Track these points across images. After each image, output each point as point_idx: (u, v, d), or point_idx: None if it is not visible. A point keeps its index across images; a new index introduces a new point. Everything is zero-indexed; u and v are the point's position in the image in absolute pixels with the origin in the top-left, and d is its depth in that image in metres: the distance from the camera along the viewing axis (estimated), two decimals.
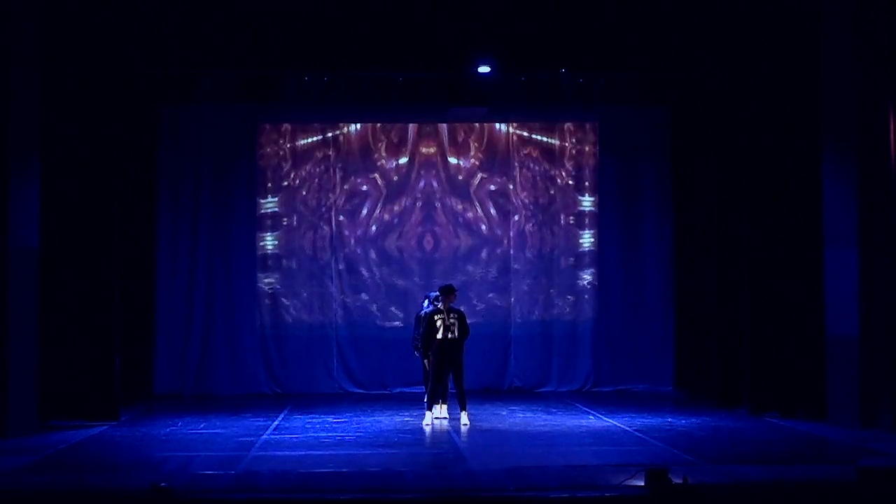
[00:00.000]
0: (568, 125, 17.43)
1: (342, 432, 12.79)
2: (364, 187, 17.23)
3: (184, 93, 16.37)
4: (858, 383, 12.88)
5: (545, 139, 17.43)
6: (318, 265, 17.15)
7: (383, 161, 17.26)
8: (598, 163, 17.43)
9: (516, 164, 17.38)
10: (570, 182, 17.43)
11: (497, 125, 17.30)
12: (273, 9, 14.03)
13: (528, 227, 17.37)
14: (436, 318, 13.36)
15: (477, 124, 17.22)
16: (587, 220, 17.42)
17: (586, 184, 17.41)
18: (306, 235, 17.16)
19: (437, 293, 13.74)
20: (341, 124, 17.20)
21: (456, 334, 13.30)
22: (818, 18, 13.45)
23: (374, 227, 17.24)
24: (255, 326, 17.00)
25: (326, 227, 17.14)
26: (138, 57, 14.29)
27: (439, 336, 13.29)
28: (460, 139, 17.32)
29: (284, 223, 17.13)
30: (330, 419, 13.90)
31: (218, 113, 16.87)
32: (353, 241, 17.19)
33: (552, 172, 17.40)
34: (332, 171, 17.18)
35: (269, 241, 17.11)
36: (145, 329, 16.42)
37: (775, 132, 14.13)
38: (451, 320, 13.32)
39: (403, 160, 17.28)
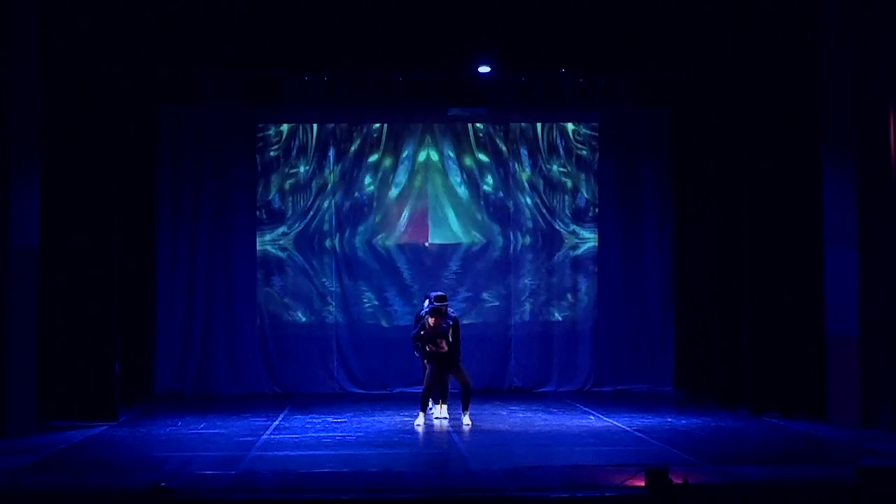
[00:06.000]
0: (568, 125, 17.44)
1: (342, 432, 12.79)
2: (364, 187, 17.22)
3: (184, 93, 16.39)
4: (858, 383, 12.88)
5: (545, 139, 17.42)
6: (319, 265, 17.14)
7: (384, 160, 17.26)
8: (598, 163, 17.44)
9: (517, 163, 17.38)
10: (571, 182, 17.42)
11: (497, 124, 17.31)
12: (273, 9, 14.03)
13: (529, 226, 17.37)
14: (422, 332, 13.35)
15: (477, 123, 17.22)
16: (587, 220, 17.42)
17: (586, 184, 17.41)
18: (306, 235, 17.15)
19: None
20: (341, 124, 17.21)
21: (445, 347, 13.27)
22: (818, 18, 13.45)
23: (374, 227, 17.23)
24: (255, 326, 16.99)
25: (327, 227, 17.13)
26: (138, 57, 14.27)
27: (428, 348, 13.33)
28: (461, 138, 17.31)
29: (284, 223, 17.12)
30: (330, 419, 13.90)
31: (218, 113, 16.86)
32: (353, 241, 17.17)
33: (552, 172, 17.40)
34: (332, 170, 17.18)
35: (268, 241, 17.11)
36: (145, 329, 16.45)
37: (775, 132, 14.12)
38: (444, 327, 13.31)
39: (404, 159, 17.27)
